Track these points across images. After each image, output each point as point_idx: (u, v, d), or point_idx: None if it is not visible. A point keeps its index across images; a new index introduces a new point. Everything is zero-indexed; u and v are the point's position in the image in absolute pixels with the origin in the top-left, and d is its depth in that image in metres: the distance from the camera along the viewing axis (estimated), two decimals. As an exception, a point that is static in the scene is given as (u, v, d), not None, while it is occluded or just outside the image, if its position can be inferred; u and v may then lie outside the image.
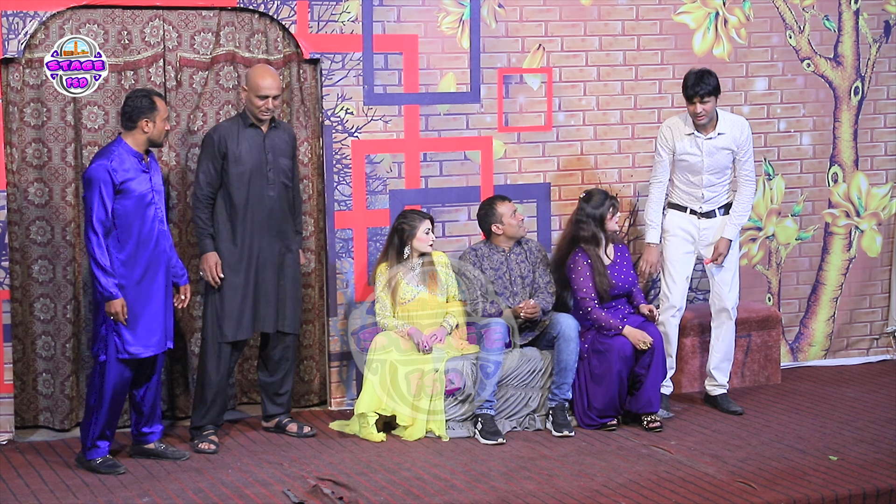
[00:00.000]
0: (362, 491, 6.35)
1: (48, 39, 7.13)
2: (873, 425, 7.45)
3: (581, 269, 7.45)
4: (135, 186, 6.58)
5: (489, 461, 6.84)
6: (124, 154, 6.60)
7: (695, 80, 7.42)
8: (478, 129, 8.05)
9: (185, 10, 7.38)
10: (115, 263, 6.56)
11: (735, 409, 7.70)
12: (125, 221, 6.58)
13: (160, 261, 6.70)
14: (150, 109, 6.61)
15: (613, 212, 7.52)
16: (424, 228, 7.37)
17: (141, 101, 6.61)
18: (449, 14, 7.92)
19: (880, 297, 9.07)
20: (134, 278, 6.61)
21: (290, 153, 7.23)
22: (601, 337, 7.39)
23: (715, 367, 7.85)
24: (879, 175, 8.98)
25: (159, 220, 6.70)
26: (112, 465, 6.67)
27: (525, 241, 7.73)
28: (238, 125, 7.08)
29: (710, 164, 7.57)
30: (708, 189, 7.62)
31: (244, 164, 7.03)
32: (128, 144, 6.63)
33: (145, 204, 6.62)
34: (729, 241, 7.63)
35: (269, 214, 7.10)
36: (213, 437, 7.06)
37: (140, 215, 6.61)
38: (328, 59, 7.66)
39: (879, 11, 8.85)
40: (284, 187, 7.17)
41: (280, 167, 7.13)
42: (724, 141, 7.56)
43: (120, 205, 6.55)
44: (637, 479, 6.51)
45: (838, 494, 6.32)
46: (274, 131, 7.15)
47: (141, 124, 6.61)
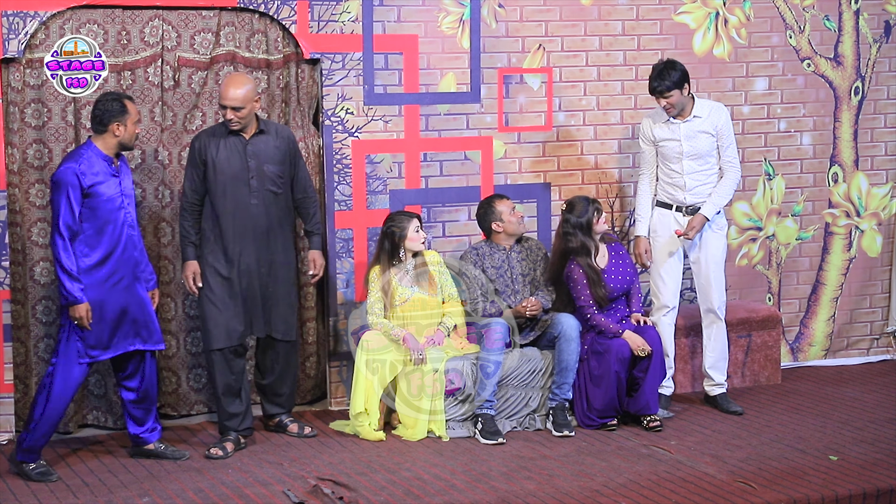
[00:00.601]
0: (362, 491, 6.35)
1: (48, 39, 7.13)
2: (873, 425, 7.45)
3: (577, 279, 7.44)
4: (104, 190, 6.52)
5: (489, 461, 6.84)
6: (94, 157, 6.54)
7: (655, 76, 7.43)
8: (478, 129, 8.05)
9: (185, 10, 7.38)
10: (83, 267, 6.51)
11: (735, 410, 7.70)
12: (93, 225, 6.53)
13: (129, 264, 6.64)
14: (121, 113, 6.55)
15: (598, 215, 7.47)
16: (414, 227, 7.36)
17: (111, 105, 6.55)
18: (449, 14, 7.92)
19: (880, 297, 9.07)
20: (102, 282, 6.55)
21: (282, 158, 7.05)
22: (600, 338, 7.39)
23: (711, 366, 7.84)
24: (879, 175, 8.97)
25: (128, 224, 6.64)
26: (44, 473, 6.57)
27: (525, 238, 7.74)
28: (221, 132, 6.98)
29: (689, 148, 7.54)
30: (690, 177, 7.57)
31: (223, 172, 6.93)
32: (97, 148, 6.57)
33: (114, 208, 6.56)
34: (704, 217, 7.56)
35: (252, 224, 6.97)
36: (227, 444, 6.98)
37: (109, 219, 6.55)
38: (328, 59, 7.66)
39: (879, 11, 8.85)
40: (272, 195, 7.01)
41: (265, 175, 6.98)
42: (702, 124, 7.54)
43: (88, 208, 6.50)
44: (637, 479, 6.51)
45: (838, 494, 6.32)
46: (259, 137, 6.99)
47: (112, 128, 6.55)
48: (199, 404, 7.66)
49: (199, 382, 7.64)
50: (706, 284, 7.71)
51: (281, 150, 7.05)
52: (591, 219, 7.45)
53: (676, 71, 7.42)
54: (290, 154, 7.11)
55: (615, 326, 7.38)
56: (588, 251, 7.45)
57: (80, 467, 6.77)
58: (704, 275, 7.70)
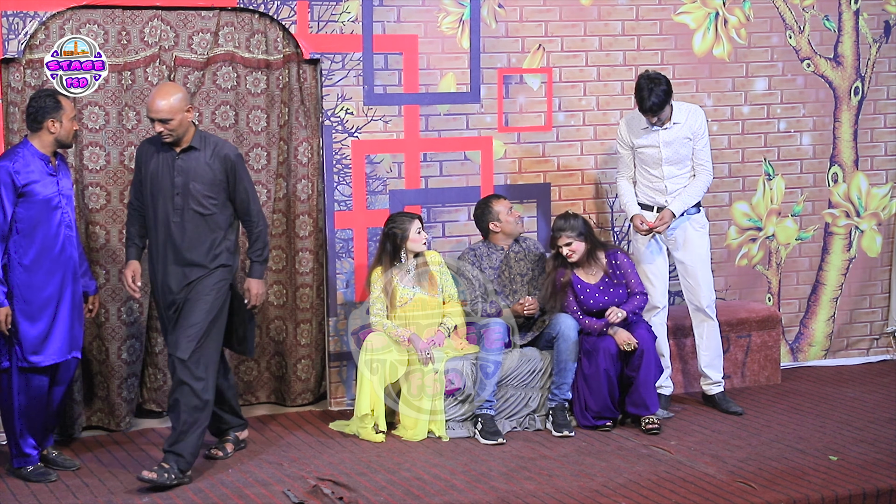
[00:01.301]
0: (362, 491, 6.35)
1: (48, 39, 7.13)
2: (873, 425, 7.45)
3: (563, 283, 7.47)
4: (39, 189, 6.39)
5: (489, 461, 6.84)
6: (29, 156, 6.41)
7: (648, 96, 7.32)
8: (478, 130, 8.05)
9: (185, 11, 7.38)
10: (17, 269, 6.38)
11: (735, 410, 7.70)
12: (28, 226, 6.38)
13: (66, 267, 6.49)
14: (55, 109, 6.41)
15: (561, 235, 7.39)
16: (416, 229, 7.36)
17: (45, 101, 6.41)
18: (449, 14, 7.92)
19: (880, 297, 9.07)
20: (36, 284, 6.41)
21: (213, 178, 6.58)
22: (589, 337, 7.38)
23: (707, 365, 7.84)
24: (879, 175, 8.97)
25: (66, 224, 6.49)
26: (43, 473, 6.53)
27: (523, 238, 7.74)
28: (159, 141, 6.62)
29: (669, 154, 7.54)
30: (670, 181, 7.57)
31: (153, 184, 6.62)
32: (34, 146, 6.43)
33: (50, 208, 6.42)
34: (672, 213, 7.52)
35: (171, 241, 6.59)
36: (227, 445, 6.92)
37: (44, 219, 6.41)
38: (328, 60, 7.66)
39: (879, 11, 8.85)
40: (197, 215, 6.57)
41: (190, 192, 6.55)
42: (681, 130, 7.53)
43: (23, 208, 6.36)
44: (637, 479, 6.51)
45: (838, 494, 6.32)
46: (191, 153, 6.58)
47: (46, 125, 6.41)
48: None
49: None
50: (694, 284, 7.71)
51: (214, 168, 6.58)
52: (556, 237, 7.44)
53: (664, 86, 7.35)
54: (226, 174, 6.61)
55: (600, 325, 7.37)
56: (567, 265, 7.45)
57: (80, 467, 6.77)
58: (692, 275, 7.69)
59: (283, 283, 7.82)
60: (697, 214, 7.66)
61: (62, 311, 6.50)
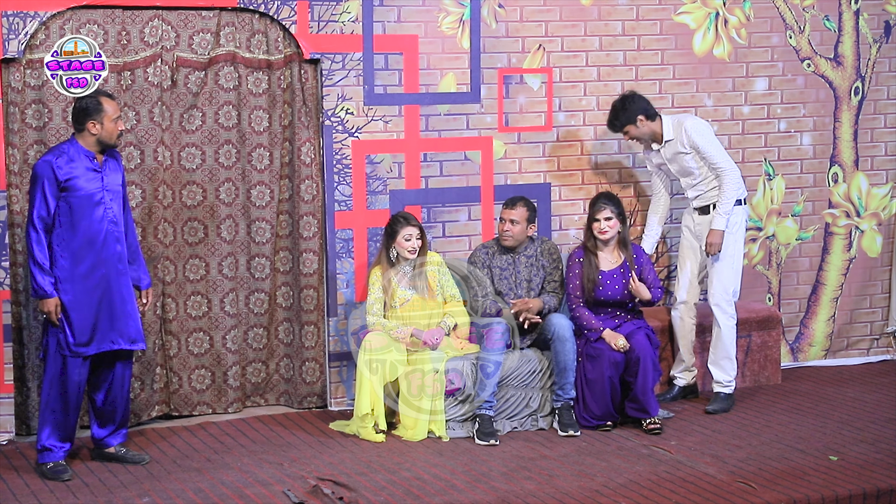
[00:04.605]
0: (362, 491, 6.35)
1: (48, 39, 7.14)
2: (873, 425, 7.45)
3: (571, 266, 7.49)
4: (82, 185, 6.48)
5: (489, 461, 6.84)
6: (74, 152, 6.51)
7: (609, 117, 7.77)
8: (478, 130, 8.05)
9: (185, 11, 7.39)
10: (59, 261, 6.47)
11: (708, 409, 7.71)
12: (69, 220, 6.48)
13: (110, 261, 6.57)
14: (97, 111, 6.50)
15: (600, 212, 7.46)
16: (405, 234, 7.36)
17: (87, 103, 6.52)
18: (449, 14, 7.92)
19: (880, 297, 9.07)
20: (79, 278, 6.50)
21: None
22: (594, 342, 7.39)
23: (710, 363, 7.87)
24: (879, 175, 8.98)
25: (109, 220, 6.56)
26: (59, 471, 6.56)
27: (541, 241, 7.71)
28: None
29: (677, 169, 7.82)
30: (690, 189, 7.82)
31: None
32: (79, 144, 6.54)
33: (93, 203, 6.50)
34: (718, 231, 7.64)
35: None
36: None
37: (86, 214, 6.50)
38: (328, 60, 7.66)
39: (879, 11, 8.85)
40: None
41: None
42: (676, 145, 7.74)
43: (65, 202, 6.47)
44: (637, 479, 6.51)
45: (838, 494, 6.33)
46: None
47: (88, 126, 6.51)
48: (201, 405, 7.67)
49: (201, 383, 7.65)
50: (709, 278, 7.78)
51: None
52: (593, 215, 7.49)
53: (625, 110, 7.66)
54: None
55: (596, 323, 7.38)
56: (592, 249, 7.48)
57: (80, 467, 6.76)
58: (709, 268, 7.78)
59: (290, 284, 7.81)
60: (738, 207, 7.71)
61: (107, 304, 6.57)
